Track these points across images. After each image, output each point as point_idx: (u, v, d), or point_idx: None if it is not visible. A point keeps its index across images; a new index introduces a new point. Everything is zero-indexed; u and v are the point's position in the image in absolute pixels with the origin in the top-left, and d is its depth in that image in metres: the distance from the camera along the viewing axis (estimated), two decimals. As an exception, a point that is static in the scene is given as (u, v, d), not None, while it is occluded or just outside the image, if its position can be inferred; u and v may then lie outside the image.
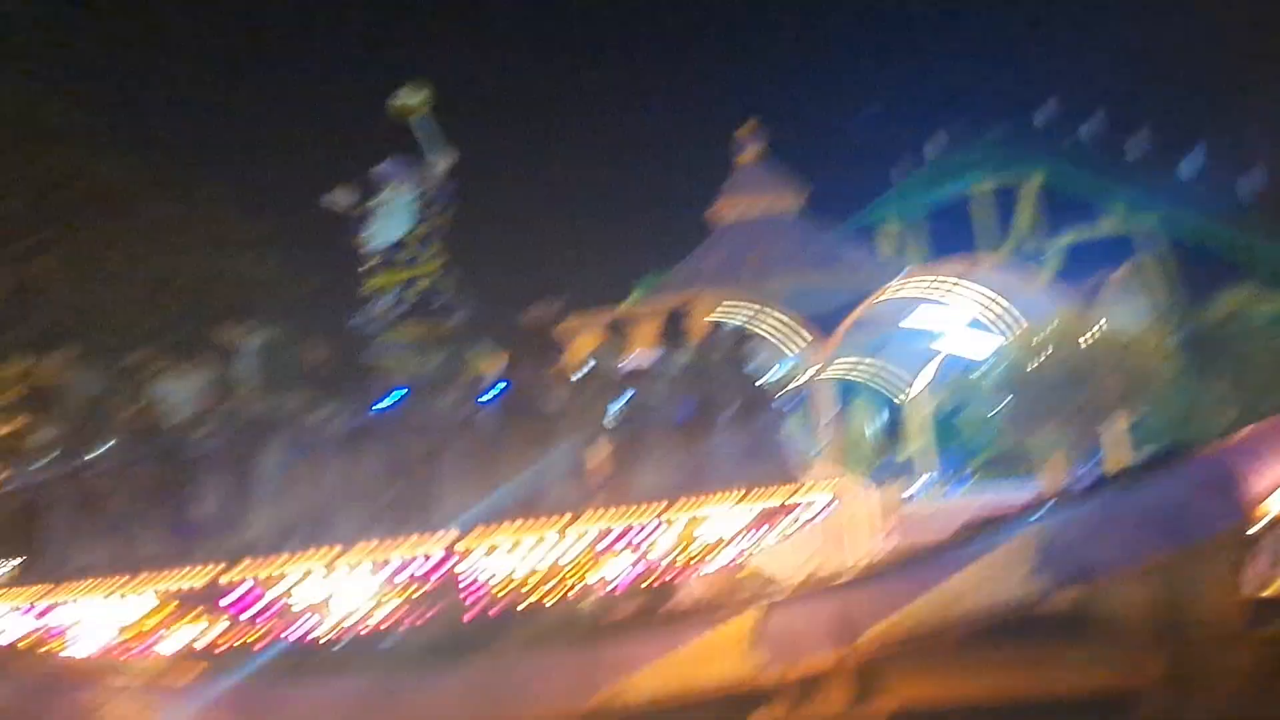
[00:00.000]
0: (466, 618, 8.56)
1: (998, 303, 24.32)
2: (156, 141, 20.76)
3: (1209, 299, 21.39)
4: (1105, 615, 7.76)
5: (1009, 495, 21.80)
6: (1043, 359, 19.67)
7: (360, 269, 11.32)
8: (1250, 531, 7.84)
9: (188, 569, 8.39)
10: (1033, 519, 8.01)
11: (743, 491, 9.41)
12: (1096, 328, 21.55)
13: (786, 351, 23.98)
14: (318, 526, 8.40)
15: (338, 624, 8.54)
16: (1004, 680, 7.77)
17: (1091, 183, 37.63)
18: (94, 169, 18.17)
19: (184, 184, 19.70)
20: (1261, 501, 7.62)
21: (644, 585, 9.40)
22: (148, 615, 8.64)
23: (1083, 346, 19.66)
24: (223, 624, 8.49)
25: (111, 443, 9.32)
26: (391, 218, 11.26)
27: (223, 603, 8.18)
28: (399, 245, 11.13)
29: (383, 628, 8.64)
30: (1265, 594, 8.93)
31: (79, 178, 17.92)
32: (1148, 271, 31.29)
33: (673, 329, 11.03)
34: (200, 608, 8.39)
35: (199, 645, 9.10)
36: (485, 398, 8.99)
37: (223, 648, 9.11)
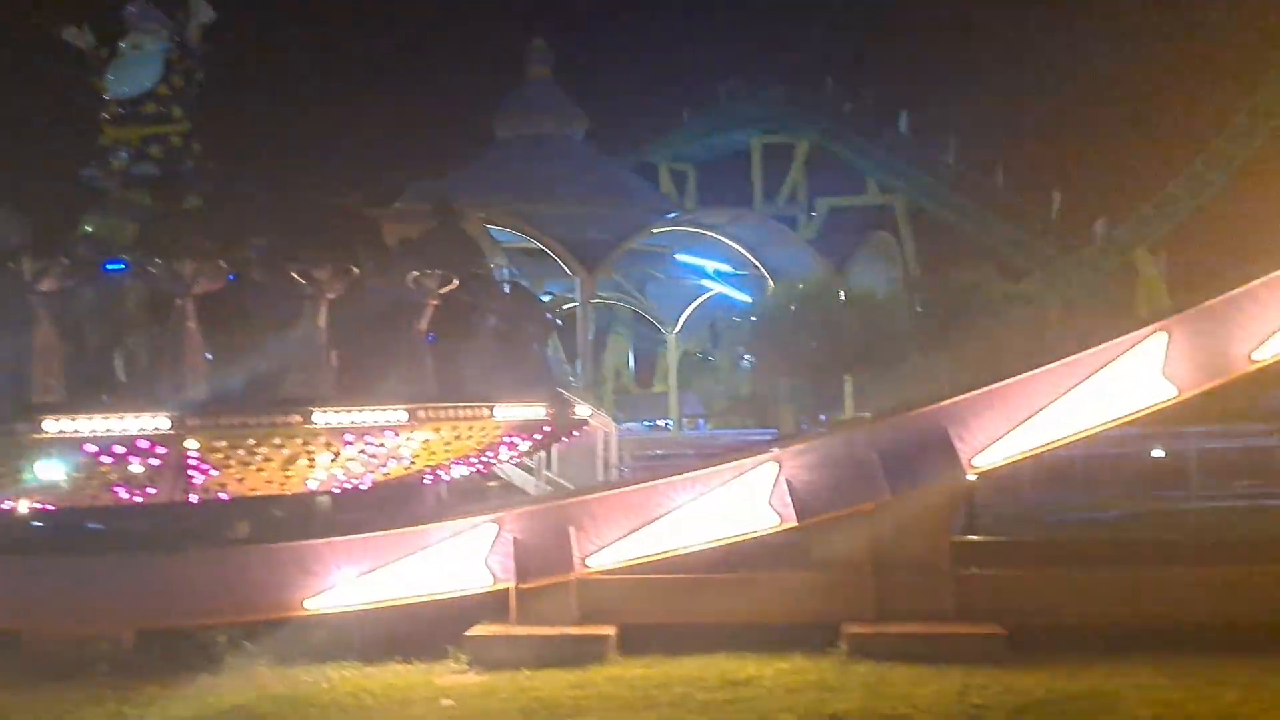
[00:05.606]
0: (189, 503, 7.95)
1: (760, 254, 25.24)
2: None
3: (951, 273, 22.96)
4: (825, 549, 8.18)
5: (748, 435, 22.99)
6: (794, 311, 20.59)
7: (98, 117, 10.17)
8: (962, 483, 8.44)
9: None
10: (766, 456, 8.27)
11: (496, 404, 9.23)
12: (846, 288, 22.76)
13: (555, 273, 23.88)
14: (20, 390, 7.52)
15: (39, 499, 7.72)
16: (723, 604, 8.08)
17: (856, 154, 39.49)
18: None
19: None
20: (973, 457, 8.20)
21: (387, 485, 9.07)
22: None
23: (831, 305, 20.73)
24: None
25: None
26: (139, 65, 10.13)
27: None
28: (145, 97, 10.07)
29: (92, 506, 7.89)
30: (968, 538, 9.75)
31: None
32: (898, 242, 33.32)
33: (440, 235, 10.59)
34: None
35: None
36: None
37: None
